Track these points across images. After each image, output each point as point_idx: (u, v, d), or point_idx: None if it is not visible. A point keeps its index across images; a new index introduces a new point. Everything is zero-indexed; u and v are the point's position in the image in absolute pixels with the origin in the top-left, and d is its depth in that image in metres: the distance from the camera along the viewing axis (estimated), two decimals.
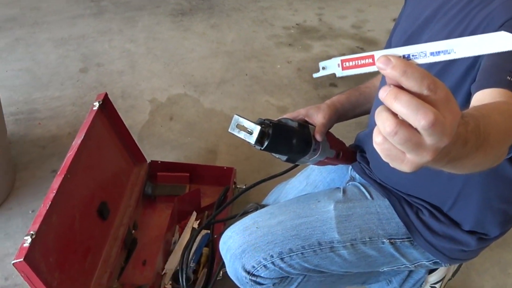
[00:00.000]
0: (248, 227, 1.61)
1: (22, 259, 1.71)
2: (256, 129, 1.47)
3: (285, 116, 1.64)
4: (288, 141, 1.53)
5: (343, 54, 3.31)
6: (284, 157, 1.56)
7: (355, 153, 1.73)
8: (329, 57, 2.98)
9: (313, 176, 1.90)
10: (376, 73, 1.79)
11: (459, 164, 0.91)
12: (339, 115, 1.69)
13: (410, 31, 1.52)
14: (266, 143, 1.47)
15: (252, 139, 1.47)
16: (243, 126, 1.49)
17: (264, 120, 1.52)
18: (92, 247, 2.09)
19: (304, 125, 1.60)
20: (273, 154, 1.57)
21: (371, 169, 1.66)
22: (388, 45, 1.72)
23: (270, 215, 1.62)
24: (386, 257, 1.60)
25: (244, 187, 2.47)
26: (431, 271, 1.95)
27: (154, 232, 2.32)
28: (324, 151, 1.62)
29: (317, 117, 1.63)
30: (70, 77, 3.22)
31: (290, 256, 1.56)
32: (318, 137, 1.59)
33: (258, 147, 1.48)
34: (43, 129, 2.86)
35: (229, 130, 1.49)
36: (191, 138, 2.84)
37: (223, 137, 2.85)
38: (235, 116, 1.50)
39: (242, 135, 1.48)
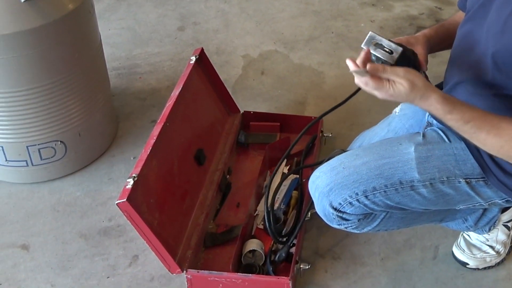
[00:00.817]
0: (335, 167, 1.64)
1: (125, 200, 1.74)
2: (398, 50, 1.47)
3: None
4: (408, 66, 1.49)
5: (422, 14, 3.23)
6: None
7: None
8: (409, 17, 2.85)
9: (394, 123, 1.90)
10: (457, 10, 1.70)
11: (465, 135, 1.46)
12: (430, 48, 1.68)
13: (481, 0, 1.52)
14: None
15: (392, 60, 1.47)
16: (380, 44, 1.47)
17: (393, 42, 1.49)
18: (189, 190, 2.11)
19: (415, 53, 1.57)
20: None
21: None
22: (463, 6, 1.68)
23: (356, 156, 1.65)
24: (462, 195, 1.62)
25: (330, 135, 2.43)
26: (504, 210, 1.95)
27: (247, 177, 2.35)
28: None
29: (417, 48, 1.63)
30: (168, 34, 3.25)
31: (373, 194, 1.59)
32: (424, 67, 1.60)
33: None
34: (143, 83, 2.91)
35: (363, 45, 1.47)
36: (281, 91, 2.84)
37: (311, 90, 2.83)
38: (371, 33, 1.47)
39: (379, 53, 1.47)
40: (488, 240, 1.99)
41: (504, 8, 1.42)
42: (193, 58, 2.29)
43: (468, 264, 2.00)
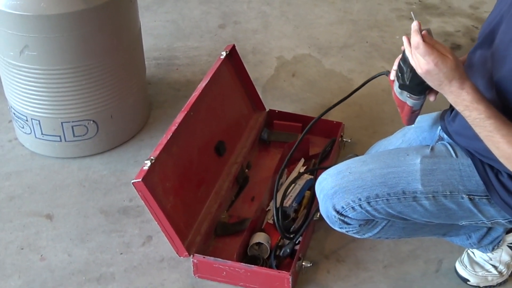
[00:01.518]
0: (342, 171, 1.60)
1: (140, 180, 1.74)
2: None
3: None
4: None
5: (458, 31, 3.15)
6: (401, 83, 1.49)
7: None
8: (445, 33, 2.79)
9: (409, 135, 1.86)
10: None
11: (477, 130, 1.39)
12: None
13: (492, 25, 1.49)
14: None
15: None
16: None
17: None
18: (206, 179, 2.10)
19: None
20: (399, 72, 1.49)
21: (454, 137, 1.63)
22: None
23: (363, 162, 1.61)
24: (464, 211, 1.56)
25: (349, 140, 2.39)
26: (509, 231, 1.89)
27: (265, 172, 2.32)
28: (422, 103, 1.55)
29: None
30: (209, 31, 3.24)
31: (376, 201, 1.55)
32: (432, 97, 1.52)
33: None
34: (180, 74, 2.90)
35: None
36: (310, 94, 2.80)
37: (339, 96, 2.72)
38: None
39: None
40: (491, 259, 1.92)
41: (506, 34, 1.39)
42: (224, 53, 2.27)
43: (469, 280, 1.94)
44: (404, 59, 1.44)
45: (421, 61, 1.35)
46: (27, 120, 2.33)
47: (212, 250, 2.01)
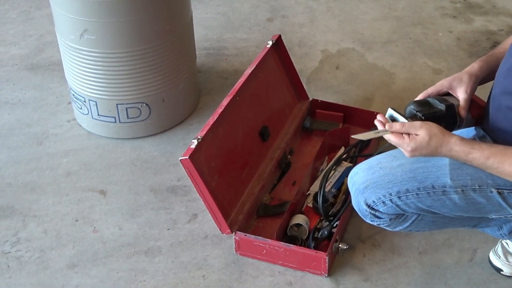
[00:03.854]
0: (373, 166, 1.57)
1: (187, 157, 1.75)
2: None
3: (429, 90, 1.58)
4: (439, 123, 1.45)
5: (502, 30, 3.05)
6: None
7: None
8: (488, 32, 2.71)
9: None
10: (506, 36, 1.61)
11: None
12: (479, 81, 1.60)
13: None
14: None
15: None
16: (396, 120, 1.47)
17: (416, 112, 1.48)
18: (250, 161, 2.10)
19: (451, 106, 1.51)
20: None
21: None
22: None
23: (393, 157, 1.57)
24: (493, 205, 1.51)
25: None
26: None
27: (306, 159, 2.31)
28: (466, 123, 1.55)
29: (460, 91, 1.56)
30: (258, 24, 3.23)
31: (406, 195, 1.51)
32: (463, 113, 1.53)
33: None
34: (228, 64, 2.90)
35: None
36: (352, 86, 2.76)
37: (380, 89, 2.74)
38: (390, 110, 1.47)
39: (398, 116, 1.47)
40: None
41: None
42: (270, 42, 2.25)
43: (502, 270, 1.89)
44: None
45: (402, 151, 1.45)
46: (85, 101, 2.36)
47: (254, 229, 2.01)
